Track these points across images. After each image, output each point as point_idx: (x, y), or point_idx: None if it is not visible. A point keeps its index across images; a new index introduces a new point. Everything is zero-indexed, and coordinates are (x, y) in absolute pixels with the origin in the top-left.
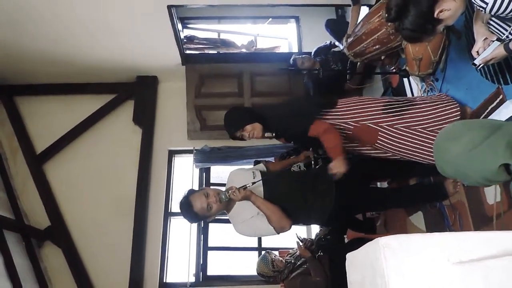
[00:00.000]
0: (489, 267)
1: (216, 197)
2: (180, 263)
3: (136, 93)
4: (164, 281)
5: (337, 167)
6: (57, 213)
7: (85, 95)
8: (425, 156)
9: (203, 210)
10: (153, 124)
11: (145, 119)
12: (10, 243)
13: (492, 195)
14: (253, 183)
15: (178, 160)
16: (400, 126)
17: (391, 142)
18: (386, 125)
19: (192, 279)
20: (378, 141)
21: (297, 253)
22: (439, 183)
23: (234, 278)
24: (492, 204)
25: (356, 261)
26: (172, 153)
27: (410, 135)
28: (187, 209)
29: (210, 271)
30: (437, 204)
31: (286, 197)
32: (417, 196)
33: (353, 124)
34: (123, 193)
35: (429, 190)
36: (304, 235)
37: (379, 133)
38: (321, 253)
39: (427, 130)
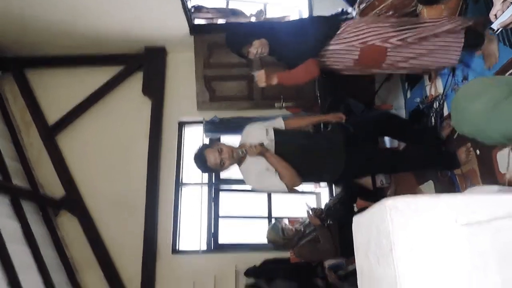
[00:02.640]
0: (497, 228)
1: (229, 153)
2: (192, 232)
3: (145, 64)
4: (177, 248)
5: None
6: (71, 183)
7: (94, 67)
8: (438, 60)
9: (216, 165)
10: (163, 95)
11: (154, 90)
12: (28, 212)
13: (505, 163)
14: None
15: (188, 131)
16: (411, 39)
17: (400, 55)
18: (396, 40)
19: (204, 247)
20: (386, 59)
21: (307, 222)
22: (451, 152)
23: (245, 246)
24: (504, 173)
25: (362, 224)
26: (182, 124)
27: (420, 45)
28: (201, 162)
29: (222, 239)
30: (448, 173)
31: (296, 157)
32: (428, 160)
33: (360, 45)
34: (135, 163)
35: (441, 156)
36: (314, 204)
37: (388, 50)
38: (330, 222)
39: (439, 38)
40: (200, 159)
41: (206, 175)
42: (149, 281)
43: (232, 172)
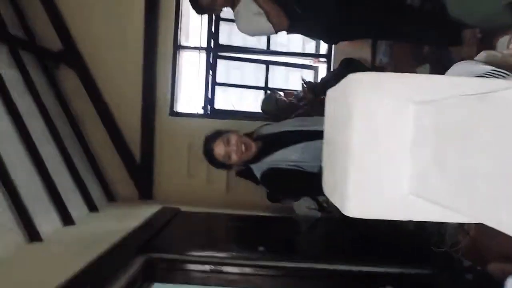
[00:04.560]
0: (442, 107)
1: None
2: (189, 96)
3: None
4: (175, 110)
5: None
6: (68, 36)
7: None
8: None
9: (207, 0)
10: None
11: None
12: (28, 66)
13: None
14: None
15: None
16: None
17: None
18: None
19: (201, 111)
20: None
21: (301, 95)
22: (458, 28)
23: (240, 113)
24: None
25: (332, 95)
26: None
27: None
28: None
29: (218, 106)
30: (449, 55)
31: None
32: (434, 29)
33: None
34: (132, 21)
35: (447, 29)
36: (310, 78)
37: None
38: (324, 97)
39: None
40: None
41: (204, 40)
42: (149, 139)
43: (232, 38)
